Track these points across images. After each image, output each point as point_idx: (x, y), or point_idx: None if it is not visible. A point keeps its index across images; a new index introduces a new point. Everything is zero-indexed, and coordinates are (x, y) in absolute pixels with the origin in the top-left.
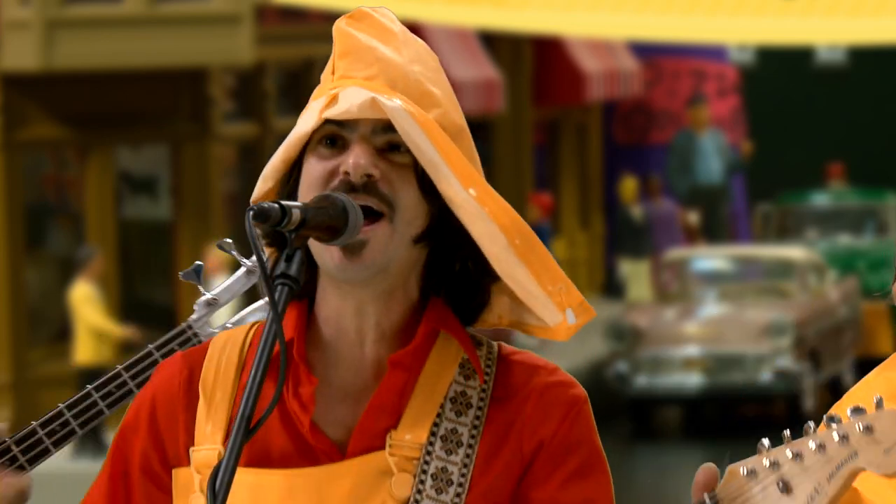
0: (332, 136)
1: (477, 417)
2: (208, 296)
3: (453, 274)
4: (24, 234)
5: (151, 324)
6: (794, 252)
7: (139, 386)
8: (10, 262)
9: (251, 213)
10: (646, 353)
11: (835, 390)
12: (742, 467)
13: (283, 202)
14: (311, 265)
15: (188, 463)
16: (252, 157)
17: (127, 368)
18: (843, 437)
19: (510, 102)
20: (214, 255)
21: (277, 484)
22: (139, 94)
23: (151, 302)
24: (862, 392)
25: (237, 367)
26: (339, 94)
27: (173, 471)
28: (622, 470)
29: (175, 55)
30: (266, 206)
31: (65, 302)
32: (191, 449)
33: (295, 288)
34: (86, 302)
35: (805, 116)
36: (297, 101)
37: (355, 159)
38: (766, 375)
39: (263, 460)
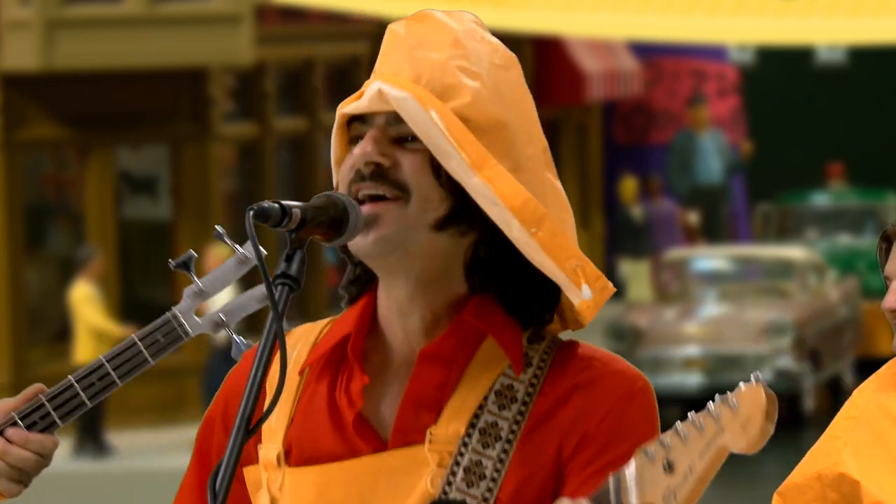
0: (358, 135)
1: (520, 412)
2: (199, 284)
3: (503, 270)
4: (24, 234)
5: None
6: (794, 252)
7: (121, 378)
8: (10, 262)
9: (251, 212)
10: (646, 353)
11: (835, 390)
12: (642, 450)
13: (283, 202)
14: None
15: (257, 460)
16: (252, 157)
17: (108, 359)
18: (717, 415)
19: None
20: (215, 254)
21: (314, 478)
22: (139, 94)
23: (151, 302)
24: (874, 385)
25: (304, 365)
26: (364, 91)
27: (244, 469)
28: None
29: (175, 55)
30: (266, 205)
31: (65, 302)
32: (258, 446)
33: (295, 288)
34: (86, 302)
35: (805, 116)
36: (297, 101)
37: (361, 149)
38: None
39: (313, 458)
